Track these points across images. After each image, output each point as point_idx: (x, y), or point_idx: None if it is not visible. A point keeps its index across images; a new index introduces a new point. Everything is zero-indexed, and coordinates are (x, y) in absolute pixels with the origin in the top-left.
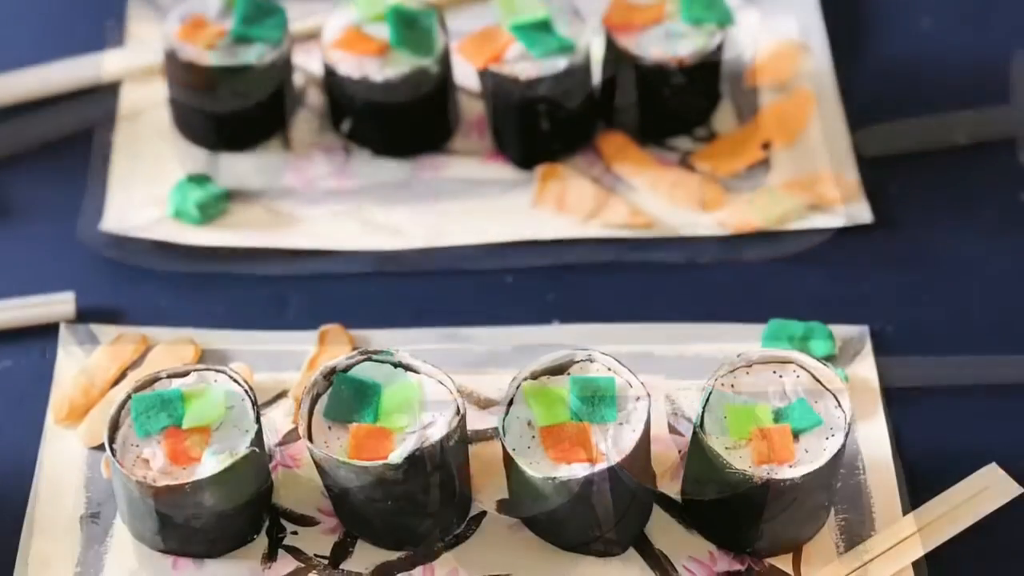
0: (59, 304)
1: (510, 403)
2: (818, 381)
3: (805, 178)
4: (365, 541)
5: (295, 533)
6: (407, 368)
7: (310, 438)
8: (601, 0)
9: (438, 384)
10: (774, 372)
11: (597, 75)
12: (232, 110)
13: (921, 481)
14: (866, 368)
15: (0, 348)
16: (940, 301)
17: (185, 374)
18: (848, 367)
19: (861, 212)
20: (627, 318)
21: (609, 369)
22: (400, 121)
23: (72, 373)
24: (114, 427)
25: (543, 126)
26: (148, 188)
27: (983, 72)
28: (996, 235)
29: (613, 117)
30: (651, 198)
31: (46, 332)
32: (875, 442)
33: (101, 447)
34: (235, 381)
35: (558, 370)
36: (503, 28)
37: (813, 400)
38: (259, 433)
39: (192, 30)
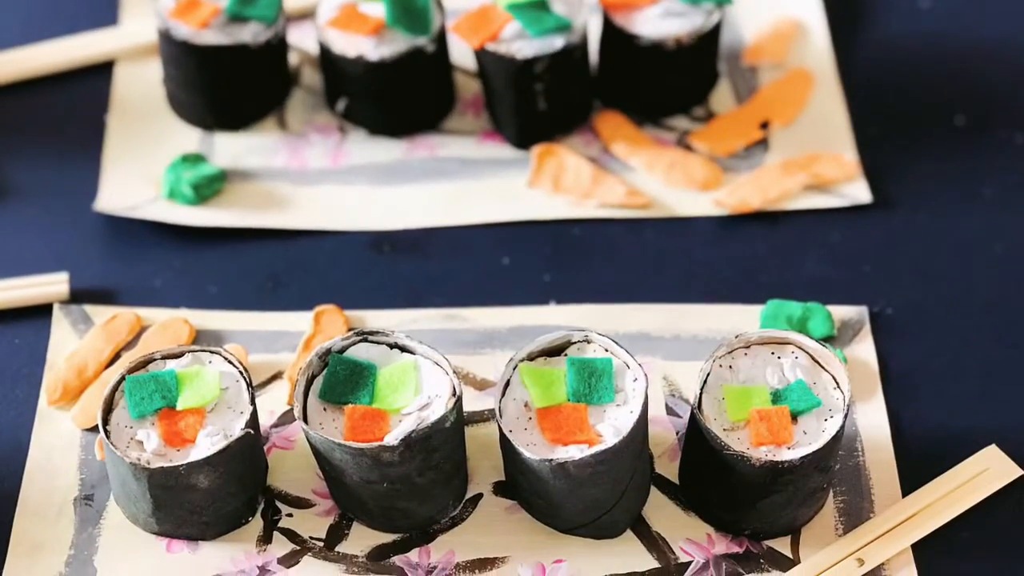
0: (52, 284)
1: (507, 384)
2: (817, 362)
3: (804, 158)
4: (360, 523)
5: (290, 515)
6: (403, 349)
7: (305, 420)
8: None
9: (434, 365)
10: (772, 353)
11: (594, 55)
12: (227, 90)
13: (920, 462)
14: (865, 349)
15: None
16: (939, 281)
17: (179, 355)
18: (847, 348)
19: (860, 192)
20: (624, 299)
21: (606, 350)
22: (396, 100)
23: (65, 354)
24: (108, 408)
25: (540, 106)
26: (142, 168)
27: (982, 51)
28: (995, 215)
29: (610, 96)
30: (648, 178)
31: (39, 313)
32: (874, 423)
33: (95, 429)
34: (230, 362)
35: (555, 351)
36: (499, 7)
37: (812, 381)
38: (254, 415)
39: (186, 9)
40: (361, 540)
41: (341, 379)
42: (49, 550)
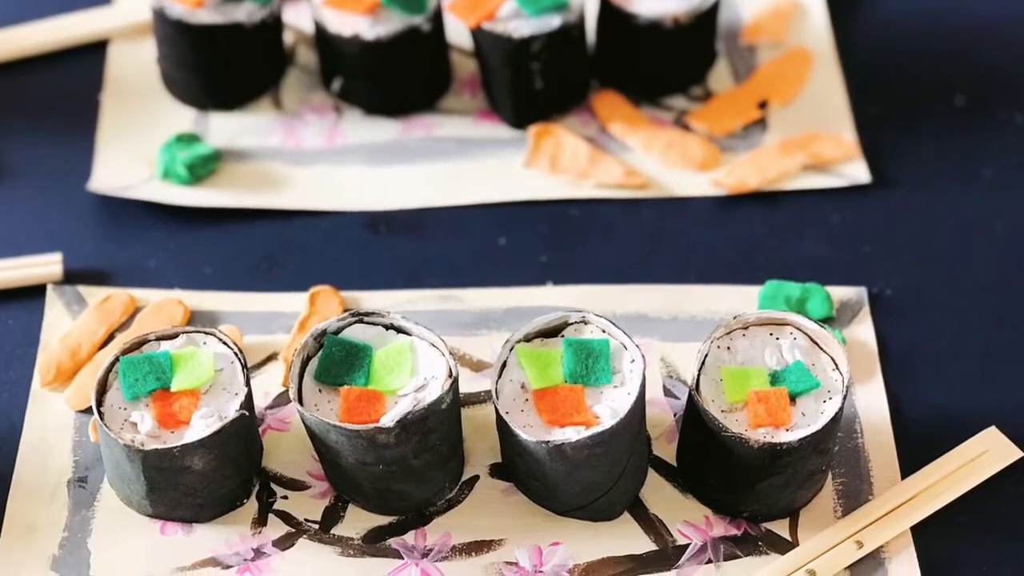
0: (46, 265)
1: (503, 366)
2: (815, 343)
3: (802, 138)
4: (356, 505)
5: (285, 498)
6: (399, 330)
7: (300, 401)
8: None
9: (430, 346)
10: (771, 334)
11: (591, 34)
12: (221, 69)
13: (920, 444)
14: (864, 330)
15: None
16: (939, 262)
17: (174, 336)
18: (846, 329)
19: (859, 172)
20: (622, 280)
21: (604, 331)
22: (391, 80)
23: (59, 335)
24: (102, 390)
25: (536, 85)
26: (136, 148)
27: (982, 31)
28: (995, 195)
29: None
30: (646, 158)
31: (33, 293)
32: (873, 405)
33: (89, 410)
34: (224, 343)
35: (552, 332)
36: None
37: (810, 363)
38: (249, 396)
39: None
40: (357, 522)
41: (337, 360)
42: (43, 532)
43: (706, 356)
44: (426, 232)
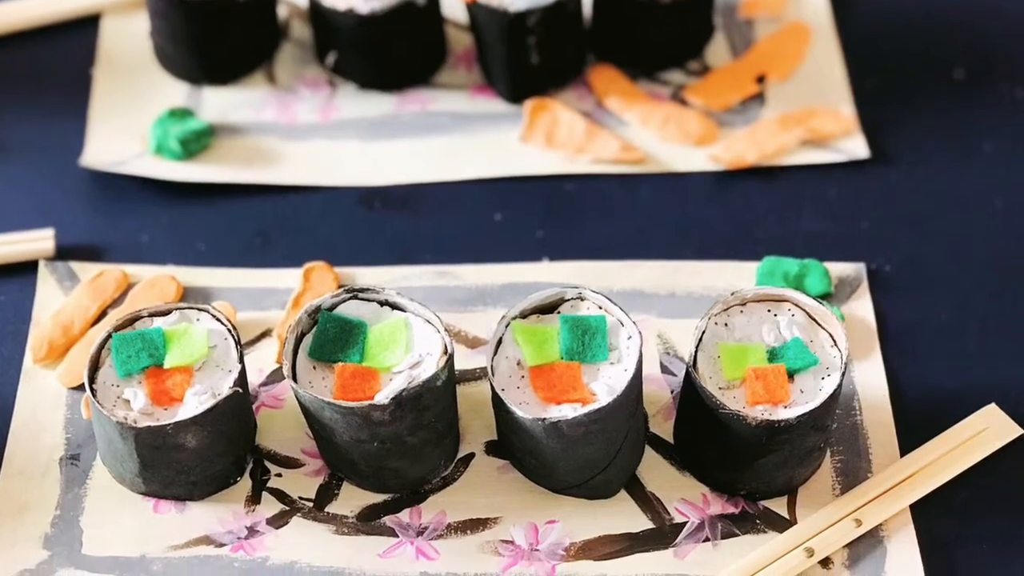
0: (38, 241)
1: (499, 342)
2: (814, 320)
3: (801, 113)
4: (351, 483)
5: (279, 475)
6: (394, 307)
7: (294, 378)
8: None
9: (425, 323)
10: (769, 311)
11: (588, 7)
12: (215, 43)
13: (919, 421)
14: (863, 306)
15: None
16: (938, 238)
17: (167, 313)
18: (844, 305)
19: (858, 147)
20: (618, 255)
21: (600, 307)
22: (386, 54)
23: (51, 311)
24: (94, 367)
25: (532, 59)
26: (129, 123)
27: (982, 4)
28: (995, 170)
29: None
30: (643, 133)
31: (25, 269)
32: (872, 382)
33: (81, 387)
34: (218, 320)
35: (548, 308)
36: None
37: (808, 339)
38: (242, 373)
39: None
40: (351, 500)
41: (331, 337)
42: (35, 510)
43: (703, 333)
44: (421, 208)
